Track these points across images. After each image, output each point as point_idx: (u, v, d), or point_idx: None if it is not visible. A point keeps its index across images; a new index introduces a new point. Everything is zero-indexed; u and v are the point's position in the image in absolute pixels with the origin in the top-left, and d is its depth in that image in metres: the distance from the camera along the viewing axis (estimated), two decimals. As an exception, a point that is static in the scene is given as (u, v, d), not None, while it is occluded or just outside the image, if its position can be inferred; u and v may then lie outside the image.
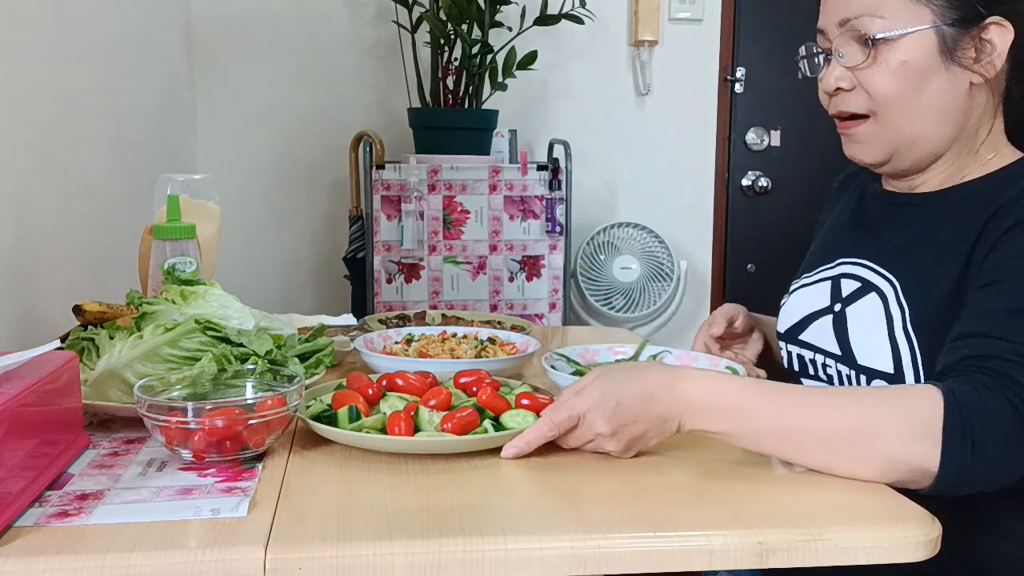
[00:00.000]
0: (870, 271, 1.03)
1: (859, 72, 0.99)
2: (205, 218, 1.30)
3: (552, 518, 0.70)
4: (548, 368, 1.02)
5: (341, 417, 0.86)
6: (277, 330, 1.06)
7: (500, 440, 0.84)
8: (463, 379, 0.97)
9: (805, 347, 1.09)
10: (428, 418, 0.86)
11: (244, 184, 2.65)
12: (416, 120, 2.43)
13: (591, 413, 0.82)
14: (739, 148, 2.90)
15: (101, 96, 1.66)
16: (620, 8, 2.77)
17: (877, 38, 0.96)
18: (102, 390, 0.92)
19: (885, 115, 0.99)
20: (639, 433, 0.82)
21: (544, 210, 2.38)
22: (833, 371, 1.04)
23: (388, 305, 2.33)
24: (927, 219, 1.01)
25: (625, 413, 0.81)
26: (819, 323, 1.06)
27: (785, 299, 1.17)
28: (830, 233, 1.17)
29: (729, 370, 1.07)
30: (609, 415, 0.82)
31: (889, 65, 0.96)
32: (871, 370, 0.98)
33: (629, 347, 1.15)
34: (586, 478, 0.79)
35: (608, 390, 0.83)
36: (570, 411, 0.83)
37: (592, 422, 0.82)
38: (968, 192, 0.99)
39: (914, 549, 0.69)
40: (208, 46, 2.60)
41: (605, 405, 0.82)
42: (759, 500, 0.74)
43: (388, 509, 0.71)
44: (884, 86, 0.97)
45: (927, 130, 0.98)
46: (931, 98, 0.97)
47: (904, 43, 0.96)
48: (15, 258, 1.20)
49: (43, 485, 0.73)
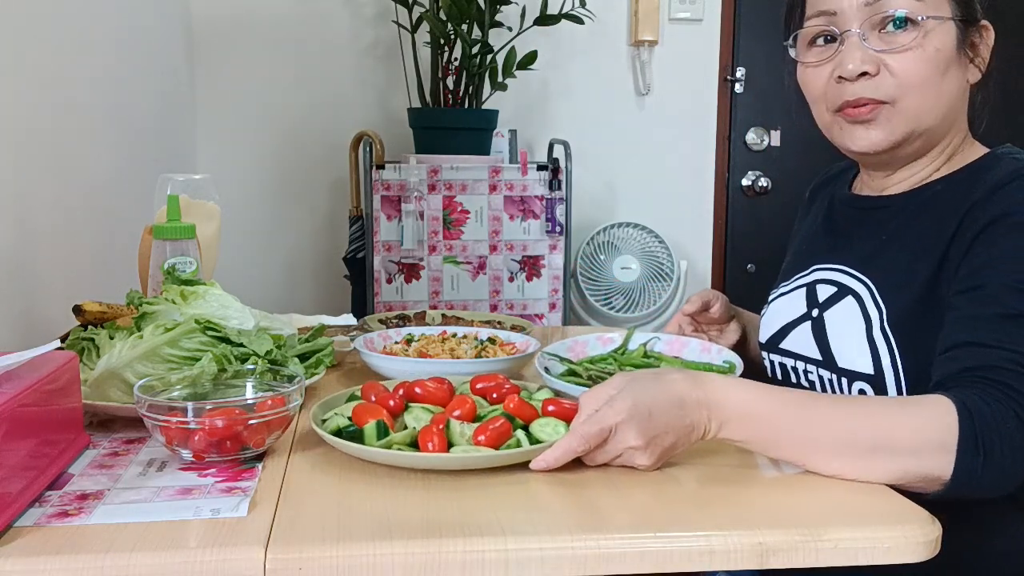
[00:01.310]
0: (845, 275, 1.02)
1: (890, 57, 0.96)
2: (205, 218, 1.30)
3: (552, 518, 0.70)
4: (542, 372, 1.01)
5: (368, 433, 0.82)
6: (277, 330, 1.06)
7: (537, 453, 0.80)
8: (480, 384, 0.93)
9: (786, 355, 1.08)
10: (460, 431, 0.82)
11: (244, 184, 2.65)
12: (416, 120, 2.43)
13: (623, 425, 0.78)
14: (739, 148, 2.90)
15: (101, 96, 1.66)
16: (620, 8, 2.77)
17: (920, 20, 0.94)
18: (102, 390, 0.92)
19: (906, 102, 0.96)
20: (670, 444, 0.79)
21: (544, 210, 2.38)
22: (815, 376, 1.03)
23: (388, 305, 2.33)
24: (896, 220, 1.00)
25: (657, 424, 0.78)
26: (798, 330, 1.06)
27: (764, 309, 1.16)
28: (803, 241, 1.17)
29: (726, 363, 1.07)
30: (642, 426, 0.77)
31: (925, 51, 0.95)
32: (852, 372, 0.97)
33: (617, 335, 1.15)
34: (586, 478, 0.79)
35: (639, 400, 0.78)
36: (600, 424, 0.78)
37: (624, 435, 0.78)
38: (934, 191, 0.99)
39: (914, 550, 0.69)
40: (208, 46, 2.60)
41: (637, 416, 0.77)
42: (759, 500, 0.74)
43: (388, 509, 0.71)
44: (918, 71, 0.95)
45: (937, 122, 0.98)
46: (948, 89, 0.97)
47: (939, 30, 0.95)
48: (15, 258, 1.20)
49: (43, 485, 0.73)
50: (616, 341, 1.14)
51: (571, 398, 0.98)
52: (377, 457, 0.80)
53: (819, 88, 1.02)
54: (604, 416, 0.79)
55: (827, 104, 1.02)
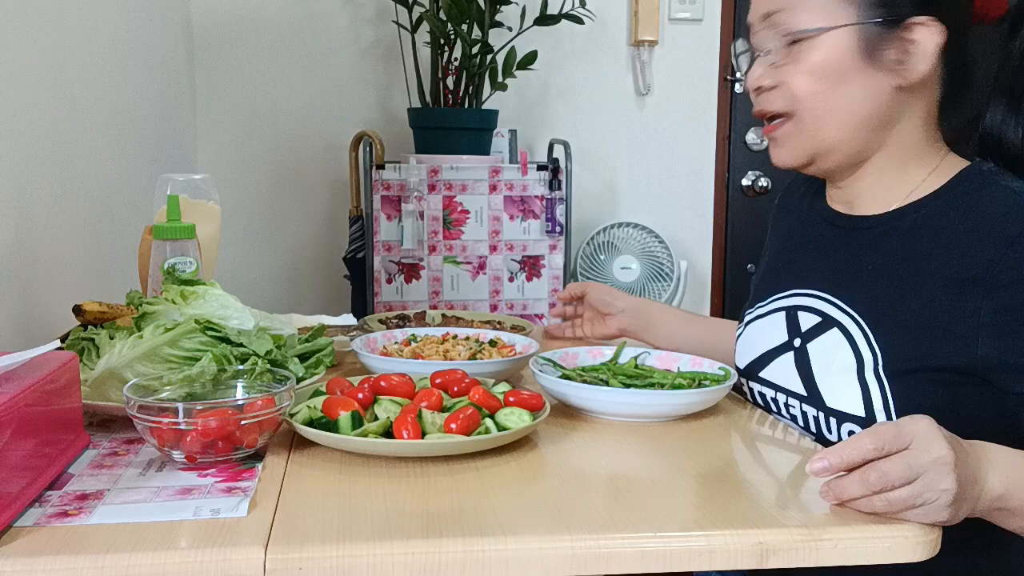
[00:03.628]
0: (828, 304, 0.98)
1: (779, 70, 0.95)
2: (205, 218, 1.30)
3: (552, 518, 0.70)
4: (536, 372, 1.02)
5: (343, 423, 0.84)
6: (277, 330, 1.06)
7: (508, 438, 0.84)
8: (439, 379, 0.96)
9: (767, 385, 1.05)
10: (431, 420, 0.85)
11: (244, 184, 2.65)
12: (416, 120, 2.43)
13: (943, 464, 0.68)
14: (739, 148, 2.90)
15: (101, 96, 1.66)
16: (620, 8, 2.77)
17: (796, 34, 0.93)
18: (102, 390, 0.92)
19: (801, 116, 0.95)
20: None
21: (544, 210, 2.38)
22: (797, 411, 1.00)
23: (388, 305, 2.33)
24: (878, 249, 0.96)
25: (965, 477, 0.70)
26: (781, 361, 1.02)
27: (740, 329, 1.13)
28: (778, 257, 1.13)
29: (721, 370, 1.06)
30: (960, 473, 0.69)
31: (806, 64, 0.93)
32: (841, 413, 0.94)
33: (608, 350, 1.15)
34: (586, 478, 0.79)
35: (951, 445, 0.69)
36: (900, 430, 0.69)
37: (940, 477, 0.68)
38: (915, 219, 0.94)
39: (913, 549, 0.69)
40: (208, 46, 2.60)
41: (956, 462, 0.69)
42: (759, 500, 0.74)
43: (388, 509, 0.71)
44: (801, 84, 0.94)
45: (845, 134, 0.95)
46: (849, 101, 0.93)
47: (823, 41, 0.92)
48: (15, 258, 1.20)
49: (43, 485, 0.73)
50: (607, 356, 1.14)
51: (568, 397, 0.99)
52: (353, 446, 0.82)
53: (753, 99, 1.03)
54: (907, 430, 0.69)
55: None
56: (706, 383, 1.03)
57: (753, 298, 1.14)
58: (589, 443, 0.89)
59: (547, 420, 0.91)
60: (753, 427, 0.98)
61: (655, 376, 1.06)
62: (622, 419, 0.97)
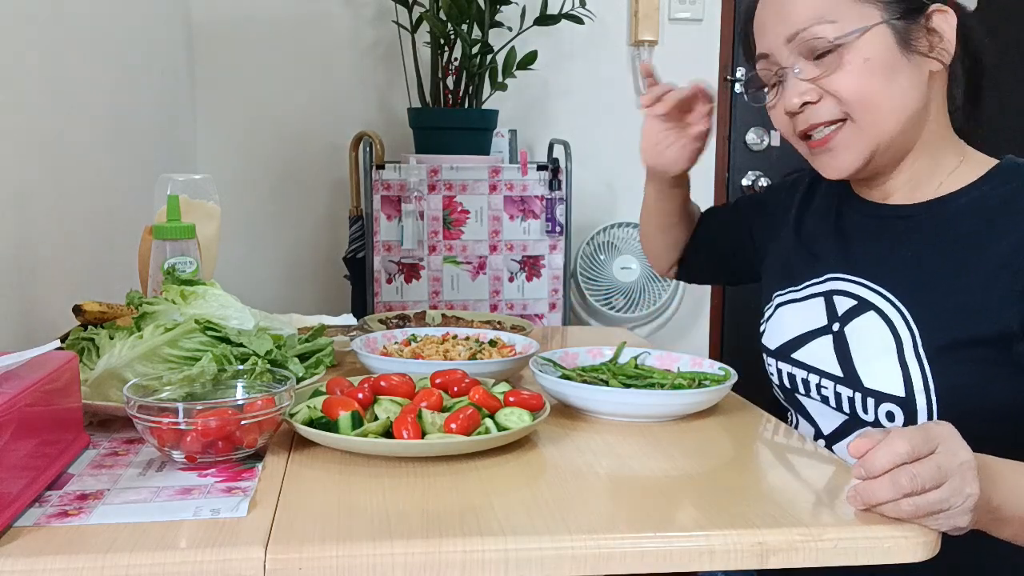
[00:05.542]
0: (865, 288, 1.01)
1: (824, 81, 0.97)
2: (205, 218, 1.30)
3: (552, 518, 0.70)
4: (536, 372, 1.02)
5: (343, 423, 0.84)
6: (277, 330, 1.06)
7: (508, 438, 0.84)
8: (439, 379, 0.96)
9: (799, 366, 1.07)
10: (431, 420, 0.85)
11: (244, 184, 2.65)
12: (416, 120, 2.43)
13: (967, 469, 0.69)
14: (739, 148, 2.90)
15: (101, 96, 1.66)
16: (620, 8, 2.77)
17: (835, 42, 0.95)
18: (102, 390, 0.92)
19: (861, 116, 0.97)
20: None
21: (544, 210, 2.38)
22: (830, 392, 1.02)
23: (388, 305, 2.33)
24: (918, 236, 1.00)
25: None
26: (818, 343, 1.04)
27: (769, 311, 1.14)
28: (812, 242, 1.14)
29: (721, 370, 1.07)
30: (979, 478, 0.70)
31: (854, 66, 0.95)
32: (880, 393, 0.96)
33: (608, 350, 1.15)
34: (586, 478, 0.79)
35: (971, 459, 0.71)
36: (928, 432, 0.70)
37: (965, 482, 0.69)
38: (956, 207, 0.98)
39: (913, 549, 0.69)
40: (208, 46, 2.60)
41: (974, 464, 0.70)
42: (759, 500, 0.74)
43: (388, 509, 0.71)
44: (853, 86, 0.96)
45: (901, 125, 0.97)
46: (903, 93, 0.96)
47: (862, 43, 0.95)
48: (15, 258, 1.20)
49: (43, 485, 0.73)
50: (606, 356, 1.15)
51: (568, 397, 0.99)
52: (353, 446, 0.82)
53: (783, 126, 1.04)
54: (934, 433, 0.70)
55: (795, 138, 1.04)
56: (706, 383, 1.03)
57: (783, 282, 1.14)
58: (589, 443, 0.89)
59: (547, 420, 0.92)
60: (753, 427, 0.98)
61: (655, 376, 1.06)
62: (622, 419, 0.97)
